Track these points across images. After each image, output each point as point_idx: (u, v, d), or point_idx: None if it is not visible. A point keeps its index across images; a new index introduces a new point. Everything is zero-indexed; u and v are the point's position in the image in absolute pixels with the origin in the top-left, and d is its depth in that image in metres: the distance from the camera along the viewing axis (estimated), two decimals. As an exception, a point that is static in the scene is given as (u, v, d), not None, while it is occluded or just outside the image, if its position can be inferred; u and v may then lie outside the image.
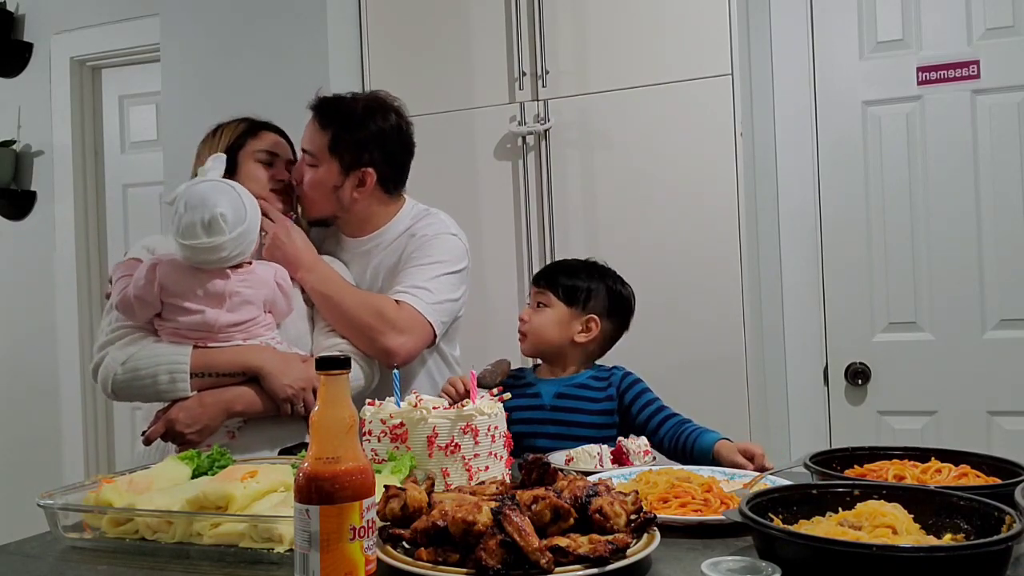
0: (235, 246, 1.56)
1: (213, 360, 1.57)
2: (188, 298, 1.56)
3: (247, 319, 1.60)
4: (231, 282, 1.58)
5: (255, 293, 1.60)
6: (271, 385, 1.58)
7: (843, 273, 2.48)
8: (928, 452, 1.20)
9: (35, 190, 3.33)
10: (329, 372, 0.85)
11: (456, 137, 2.47)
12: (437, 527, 0.90)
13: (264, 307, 1.63)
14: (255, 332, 1.61)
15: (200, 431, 1.56)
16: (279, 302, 1.65)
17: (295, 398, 1.59)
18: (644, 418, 1.62)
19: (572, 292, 1.68)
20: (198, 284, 1.56)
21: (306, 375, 1.60)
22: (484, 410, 1.25)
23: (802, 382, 2.50)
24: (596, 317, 1.68)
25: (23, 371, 3.32)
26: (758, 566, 0.79)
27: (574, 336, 1.68)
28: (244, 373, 1.59)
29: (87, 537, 1.11)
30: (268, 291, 1.63)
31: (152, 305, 1.57)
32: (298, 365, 1.62)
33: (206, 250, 1.54)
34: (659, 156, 2.28)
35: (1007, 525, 0.86)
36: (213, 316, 1.56)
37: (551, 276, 1.73)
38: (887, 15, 2.45)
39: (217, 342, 1.58)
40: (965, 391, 2.36)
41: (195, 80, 2.61)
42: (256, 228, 1.62)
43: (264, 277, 1.63)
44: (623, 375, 1.68)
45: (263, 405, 1.60)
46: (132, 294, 1.57)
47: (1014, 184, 2.33)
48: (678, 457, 1.56)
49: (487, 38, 2.44)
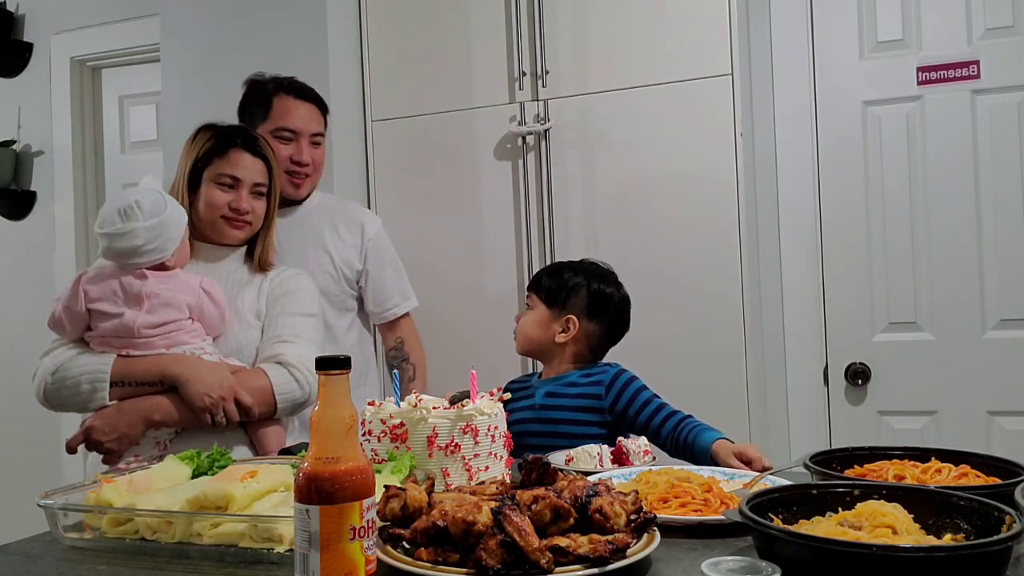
0: (150, 236, 1.56)
1: (131, 368, 1.56)
2: (108, 299, 1.57)
3: (167, 321, 1.59)
4: (149, 283, 1.58)
5: (176, 297, 1.60)
6: (188, 393, 1.54)
7: (843, 273, 2.48)
8: (928, 452, 1.20)
9: (35, 190, 3.33)
10: (329, 372, 0.85)
11: (456, 137, 2.47)
12: (437, 527, 0.90)
13: (189, 312, 1.62)
14: (178, 338, 1.59)
15: (118, 439, 1.55)
16: (208, 310, 1.64)
17: (214, 407, 1.55)
18: (644, 419, 1.61)
19: (551, 293, 1.72)
20: (118, 286, 1.58)
21: (228, 384, 1.56)
22: (484, 410, 1.25)
23: (802, 382, 2.50)
24: (574, 317, 1.70)
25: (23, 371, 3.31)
26: (758, 566, 0.79)
27: (555, 336, 1.70)
28: (162, 382, 1.56)
29: (87, 537, 1.11)
30: (192, 296, 1.62)
31: (80, 315, 1.58)
32: (220, 374, 1.58)
33: (120, 237, 1.56)
34: (659, 156, 2.28)
35: (1007, 525, 0.86)
36: (131, 317, 1.56)
37: (537, 278, 1.78)
38: (887, 15, 2.45)
39: (139, 349, 1.57)
40: (965, 391, 2.36)
41: (195, 80, 2.61)
42: (176, 230, 1.61)
43: (188, 282, 1.63)
44: (616, 373, 1.68)
45: (180, 415, 1.56)
46: (60, 307, 1.59)
47: (1014, 184, 2.33)
48: (678, 455, 1.56)
49: (487, 38, 2.44)
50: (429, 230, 2.48)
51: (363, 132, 2.55)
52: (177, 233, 1.61)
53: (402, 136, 2.51)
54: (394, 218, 2.41)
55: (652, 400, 1.64)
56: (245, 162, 1.73)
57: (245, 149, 1.74)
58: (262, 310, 1.72)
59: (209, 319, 1.65)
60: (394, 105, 2.53)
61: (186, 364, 1.56)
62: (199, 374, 1.55)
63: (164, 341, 1.58)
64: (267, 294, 1.74)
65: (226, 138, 1.74)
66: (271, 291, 1.74)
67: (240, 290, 1.74)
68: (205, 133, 1.76)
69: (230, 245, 1.77)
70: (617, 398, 1.64)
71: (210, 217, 1.72)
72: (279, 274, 1.78)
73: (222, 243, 1.76)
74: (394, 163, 2.53)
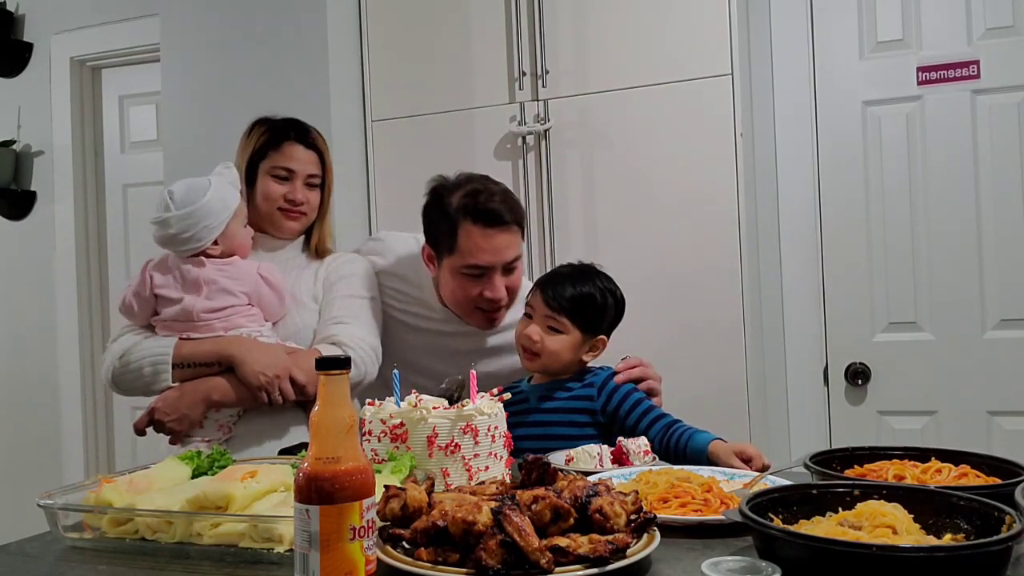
0: (182, 226, 1.63)
1: (191, 351, 1.62)
2: (170, 285, 1.65)
3: (225, 306, 1.65)
4: (207, 270, 1.65)
5: (234, 283, 1.67)
6: (244, 373, 1.60)
7: (843, 273, 2.48)
8: (928, 452, 1.20)
9: (35, 190, 3.33)
10: (329, 372, 0.85)
11: (456, 137, 2.47)
12: (437, 527, 0.90)
13: (248, 299, 1.68)
14: (236, 322, 1.66)
15: (179, 420, 1.60)
16: (265, 294, 1.69)
17: (269, 386, 1.60)
18: (633, 420, 1.60)
19: (590, 322, 1.66)
20: (178, 273, 1.66)
21: (282, 363, 1.62)
22: (484, 410, 1.25)
23: (802, 382, 2.50)
24: (604, 337, 1.69)
25: (23, 371, 3.32)
26: (758, 566, 0.79)
27: (583, 356, 1.69)
28: (220, 363, 1.62)
29: (87, 537, 1.11)
30: (250, 283, 1.68)
31: (147, 300, 1.66)
32: (275, 354, 1.63)
33: (157, 225, 1.64)
34: (659, 156, 2.28)
35: (1007, 525, 0.86)
36: (191, 302, 1.64)
37: (570, 303, 1.65)
38: (887, 15, 2.45)
39: (198, 332, 1.64)
40: (965, 391, 2.36)
41: (195, 80, 2.61)
42: (213, 219, 1.65)
43: (245, 269, 1.69)
44: (607, 376, 1.66)
45: (237, 394, 1.62)
46: (130, 293, 1.68)
47: (1014, 184, 2.33)
48: (669, 458, 1.55)
49: (487, 38, 2.44)
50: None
51: (363, 132, 2.55)
52: (214, 222, 1.65)
53: (402, 136, 2.51)
54: (394, 218, 2.41)
55: (641, 402, 1.63)
56: (299, 154, 1.80)
57: (298, 142, 1.81)
58: (319, 294, 1.79)
59: (267, 304, 1.71)
60: (394, 105, 2.53)
61: (241, 345, 1.62)
62: (254, 354, 1.61)
63: (223, 324, 1.65)
64: (323, 279, 1.80)
65: (280, 131, 1.81)
66: (326, 276, 1.81)
67: (298, 276, 1.80)
68: (260, 127, 1.83)
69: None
70: (608, 399, 1.63)
71: (267, 209, 1.79)
72: (335, 259, 1.85)
73: (280, 236, 1.83)
74: (394, 163, 2.53)
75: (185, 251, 1.66)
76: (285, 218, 1.80)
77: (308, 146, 1.81)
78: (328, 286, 1.79)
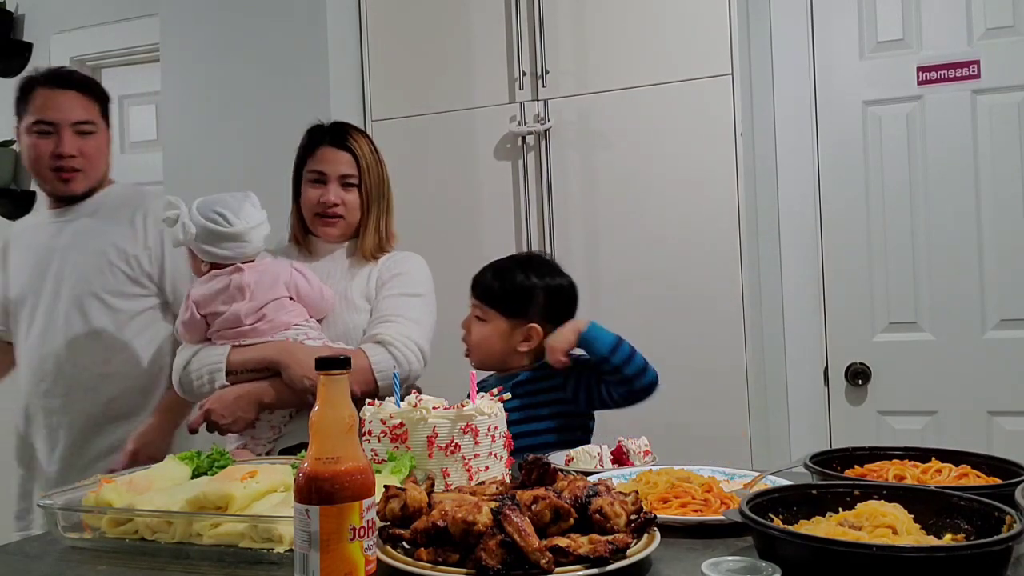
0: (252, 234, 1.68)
1: (242, 358, 1.68)
2: (215, 300, 1.69)
3: (268, 300, 1.69)
4: (246, 275, 1.69)
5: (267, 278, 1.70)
6: (289, 377, 1.65)
7: (843, 273, 2.48)
8: (928, 452, 1.20)
9: (35, 190, 3.32)
10: (329, 372, 0.86)
11: (456, 137, 2.47)
12: (437, 527, 0.89)
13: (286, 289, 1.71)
14: (280, 320, 1.69)
15: (235, 421, 1.65)
16: (302, 286, 1.72)
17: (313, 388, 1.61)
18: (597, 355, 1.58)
19: (508, 304, 1.66)
20: (218, 286, 1.69)
21: None
22: (484, 410, 1.25)
23: (802, 382, 2.50)
24: (536, 325, 1.66)
25: (23, 371, 3.32)
26: (758, 566, 0.79)
27: (516, 347, 1.67)
28: (268, 368, 1.67)
29: (87, 537, 1.11)
30: (285, 273, 1.72)
31: (196, 323, 1.70)
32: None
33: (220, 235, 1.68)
34: (659, 156, 2.28)
35: (1007, 525, 0.86)
36: (236, 308, 1.68)
37: (485, 287, 1.69)
38: (887, 15, 2.45)
39: (247, 337, 1.68)
40: (965, 391, 2.36)
41: (195, 80, 2.61)
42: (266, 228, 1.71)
43: (277, 263, 1.74)
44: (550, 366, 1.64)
45: (285, 397, 1.67)
46: (179, 324, 1.75)
47: (1014, 184, 2.33)
48: None
49: (487, 38, 2.44)
50: (429, 230, 2.47)
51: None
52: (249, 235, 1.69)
53: (402, 136, 2.51)
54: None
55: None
56: (329, 156, 1.80)
57: (331, 144, 1.81)
58: (371, 294, 1.80)
59: (306, 297, 1.73)
60: (394, 105, 2.53)
61: (285, 350, 1.66)
62: (297, 358, 1.65)
63: (267, 326, 1.69)
64: (376, 278, 1.81)
65: (316, 136, 1.84)
66: (379, 275, 1.81)
67: (351, 277, 1.81)
68: (305, 136, 1.85)
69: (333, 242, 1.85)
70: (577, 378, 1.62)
71: (308, 215, 1.82)
72: (389, 258, 1.85)
73: (327, 240, 1.85)
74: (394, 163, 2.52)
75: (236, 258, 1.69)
76: (322, 224, 1.80)
77: (340, 147, 1.80)
78: (380, 285, 1.80)
